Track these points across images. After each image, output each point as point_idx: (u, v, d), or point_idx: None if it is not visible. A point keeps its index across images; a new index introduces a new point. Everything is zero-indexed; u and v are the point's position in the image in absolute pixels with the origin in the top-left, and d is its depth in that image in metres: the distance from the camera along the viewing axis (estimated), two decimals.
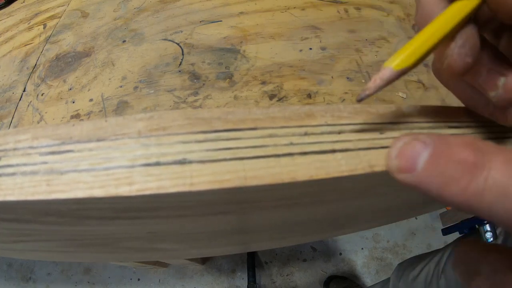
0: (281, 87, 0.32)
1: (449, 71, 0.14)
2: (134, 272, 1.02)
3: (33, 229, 0.17)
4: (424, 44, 0.13)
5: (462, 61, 0.13)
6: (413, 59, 0.13)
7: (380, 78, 0.13)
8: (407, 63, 0.13)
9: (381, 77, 0.13)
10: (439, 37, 0.13)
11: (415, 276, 0.54)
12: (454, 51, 0.13)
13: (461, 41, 0.13)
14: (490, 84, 0.14)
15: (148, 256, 0.34)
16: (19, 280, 1.02)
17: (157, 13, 0.40)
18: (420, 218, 1.09)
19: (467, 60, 0.13)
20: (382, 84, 0.13)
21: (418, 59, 0.14)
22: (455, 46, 0.13)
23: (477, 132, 0.16)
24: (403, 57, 0.13)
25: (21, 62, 0.37)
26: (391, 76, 0.13)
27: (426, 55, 0.14)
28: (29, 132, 0.13)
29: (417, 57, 0.13)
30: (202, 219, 0.18)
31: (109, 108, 0.31)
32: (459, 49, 0.13)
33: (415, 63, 0.14)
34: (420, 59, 0.14)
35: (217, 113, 0.14)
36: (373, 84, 0.13)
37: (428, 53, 0.14)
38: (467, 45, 0.13)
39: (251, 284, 0.94)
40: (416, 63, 0.14)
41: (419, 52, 0.13)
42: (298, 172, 0.13)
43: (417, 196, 0.24)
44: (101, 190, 0.12)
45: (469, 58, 0.13)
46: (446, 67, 0.13)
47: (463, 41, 0.13)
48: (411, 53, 0.13)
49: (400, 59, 0.13)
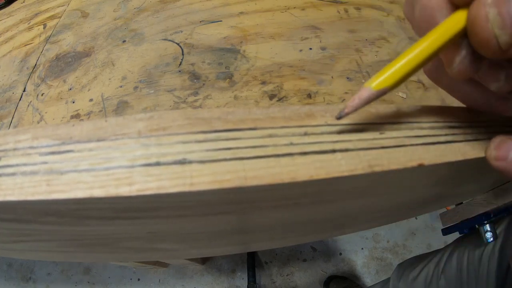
0: (281, 87, 0.32)
1: (459, 75, 0.14)
2: (134, 272, 1.02)
3: (33, 229, 0.17)
4: (406, 66, 0.14)
5: (473, 66, 0.13)
6: (393, 81, 0.14)
7: (359, 97, 0.14)
8: (387, 84, 0.14)
9: (360, 97, 0.14)
10: (421, 59, 0.13)
11: (415, 276, 0.53)
12: (466, 58, 0.13)
13: (471, 48, 0.13)
14: (492, 76, 0.14)
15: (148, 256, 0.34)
16: (19, 280, 1.02)
17: (157, 13, 0.40)
18: (420, 218, 1.09)
19: (474, 67, 0.13)
20: (360, 104, 0.14)
21: (398, 80, 0.14)
22: (466, 53, 0.13)
23: (477, 132, 0.16)
24: (383, 78, 0.14)
25: (21, 62, 0.37)
26: (370, 96, 0.14)
27: (407, 77, 0.14)
28: (29, 132, 0.13)
29: (397, 78, 0.14)
30: (202, 219, 0.18)
31: (109, 108, 0.31)
32: (471, 56, 0.13)
33: (395, 84, 0.14)
34: (401, 81, 0.14)
35: (217, 113, 0.14)
36: (351, 103, 0.14)
37: (410, 75, 0.14)
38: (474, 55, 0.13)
39: (251, 284, 0.94)
40: (396, 84, 0.14)
41: (399, 74, 0.14)
42: (298, 172, 0.13)
43: (418, 196, 0.24)
44: (101, 190, 0.12)
45: (479, 62, 0.13)
46: (456, 72, 0.14)
47: (472, 48, 0.13)
48: (392, 74, 0.14)
49: (379, 80, 0.14)
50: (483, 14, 0.11)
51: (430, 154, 0.15)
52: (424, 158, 0.14)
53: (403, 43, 0.36)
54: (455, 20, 0.13)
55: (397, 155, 0.14)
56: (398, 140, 0.15)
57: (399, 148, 0.15)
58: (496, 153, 0.14)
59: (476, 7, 0.12)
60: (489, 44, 0.12)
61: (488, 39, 0.11)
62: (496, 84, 0.14)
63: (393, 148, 0.15)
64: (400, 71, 0.14)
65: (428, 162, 0.14)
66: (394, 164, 0.14)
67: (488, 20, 0.11)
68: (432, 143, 0.15)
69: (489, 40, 0.11)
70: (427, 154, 0.15)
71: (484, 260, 0.41)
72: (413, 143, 0.15)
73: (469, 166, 0.17)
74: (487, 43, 0.12)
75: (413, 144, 0.15)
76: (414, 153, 0.15)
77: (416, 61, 0.14)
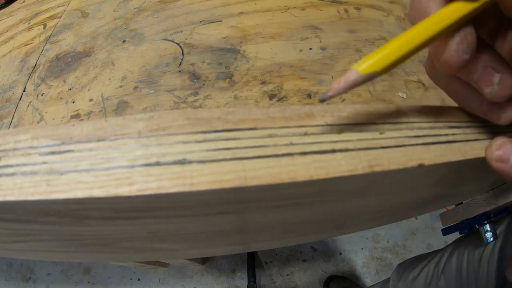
0: (281, 87, 0.32)
1: (445, 67, 0.14)
2: (134, 272, 1.02)
3: (33, 229, 0.17)
4: (397, 51, 0.13)
5: (460, 57, 0.13)
6: (383, 65, 0.13)
7: (345, 80, 0.13)
8: (375, 68, 0.13)
9: (346, 79, 0.13)
10: (414, 44, 0.13)
11: (415, 276, 0.53)
12: (452, 47, 0.13)
13: (459, 38, 0.13)
14: (485, 80, 0.14)
15: (148, 256, 0.34)
16: (19, 280, 1.02)
17: (157, 13, 0.40)
18: (420, 218, 1.09)
19: (464, 57, 0.13)
20: (346, 87, 0.13)
21: (388, 65, 0.13)
22: (453, 42, 0.13)
23: (477, 132, 0.16)
24: (372, 62, 0.13)
25: (21, 62, 0.37)
26: (356, 79, 0.13)
27: (398, 62, 0.13)
28: (29, 132, 0.13)
29: (387, 63, 0.13)
30: (202, 219, 0.18)
31: (109, 108, 0.31)
32: (457, 45, 0.13)
33: (384, 69, 0.13)
34: (391, 66, 0.13)
35: (217, 113, 0.14)
36: (337, 86, 0.13)
37: (401, 60, 0.13)
38: (465, 42, 0.13)
39: (251, 284, 0.94)
40: (386, 69, 0.13)
41: (390, 58, 0.13)
42: (298, 172, 0.13)
43: (418, 196, 0.24)
44: (101, 190, 0.12)
45: (466, 55, 0.13)
46: (442, 63, 0.14)
47: (461, 38, 0.13)
48: (382, 58, 0.13)
49: (368, 63, 0.13)
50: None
51: (430, 154, 0.15)
52: (424, 158, 0.14)
53: None
54: (451, 9, 0.13)
55: (397, 155, 0.14)
56: (398, 140, 0.15)
57: (399, 148, 0.15)
58: (497, 155, 0.14)
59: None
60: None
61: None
62: (489, 89, 0.14)
63: (393, 148, 0.15)
64: (390, 56, 0.13)
65: (428, 162, 0.14)
66: (394, 164, 0.14)
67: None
68: (432, 143, 0.15)
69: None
70: (427, 154, 0.15)
71: (484, 260, 0.41)
72: (413, 143, 0.15)
73: (469, 166, 0.17)
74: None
75: (413, 144, 0.15)
76: (414, 153, 0.15)
77: (408, 47, 0.13)
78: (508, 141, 0.14)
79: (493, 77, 0.14)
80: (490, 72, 0.14)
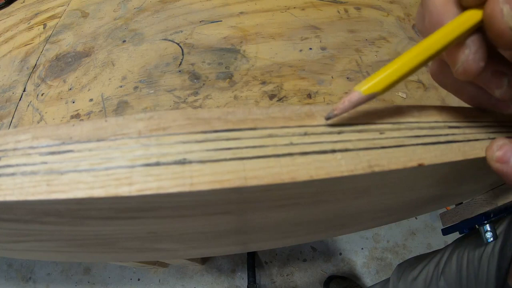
0: (281, 87, 0.32)
1: (464, 75, 0.14)
2: (134, 272, 1.02)
3: (33, 229, 0.17)
4: (396, 72, 0.14)
5: (478, 65, 0.14)
6: (383, 86, 0.14)
7: (349, 100, 0.14)
8: (376, 89, 0.14)
9: (350, 100, 0.14)
10: (413, 65, 0.14)
11: (415, 276, 0.54)
12: (470, 57, 0.14)
13: (474, 48, 0.14)
14: (495, 83, 0.15)
15: (148, 256, 0.34)
16: (19, 280, 1.02)
17: (157, 13, 0.40)
18: (420, 218, 1.09)
19: (481, 64, 0.14)
20: (350, 106, 0.14)
21: (388, 85, 0.14)
22: (469, 52, 0.14)
23: (477, 132, 0.16)
24: (373, 83, 0.14)
25: (21, 62, 0.37)
26: (359, 99, 0.14)
27: (397, 82, 0.14)
28: (29, 132, 0.13)
29: (387, 83, 0.14)
30: (202, 219, 0.18)
31: (109, 108, 0.31)
32: (474, 54, 0.14)
33: (384, 89, 0.14)
34: (390, 86, 0.14)
35: (217, 113, 0.14)
36: (341, 105, 0.14)
37: (400, 80, 0.14)
38: (481, 51, 0.14)
39: (251, 284, 0.94)
40: (386, 89, 0.14)
41: (389, 80, 0.14)
42: (298, 172, 0.13)
43: (418, 196, 0.24)
44: (101, 190, 0.12)
45: (482, 62, 0.14)
46: (461, 71, 0.14)
47: (476, 48, 0.14)
48: (382, 79, 0.14)
49: (370, 84, 0.14)
50: (498, 10, 0.12)
51: (430, 154, 0.15)
52: (424, 158, 0.14)
53: (403, 43, 0.36)
54: (463, 18, 0.13)
55: (397, 155, 0.14)
56: (398, 140, 0.15)
57: (399, 148, 0.15)
58: (497, 155, 0.15)
59: (492, 4, 0.13)
60: (504, 36, 0.13)
61: (503, 32, 0.12)
62: (499, 91, 0.15)
63: (393, 148, 0.15)
64: (390, 77, 0.14)
65: (428, 162, 0.14)
66: (394, 164, 0.14)
67: (503, 15, 0.12)
68: (432, 143, 0.15)
69: (504, 32, 0.12)
70: (427, 154, 0.15)
71: (484, 260, 0.41)
72: (413, 143, 0.15)
73: (469, 166, 0.17)
74: (502, 35, 0.13)
75: (413, 144, 0.15)
76: (414, 153, 0.15)
77: (406, 68, 0.14)
78: (509, 142, 0.15)
79: (503, 80, 0.15)
80: (500, 75, 0.15)
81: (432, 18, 0.14)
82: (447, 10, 0.14)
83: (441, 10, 0.14)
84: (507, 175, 0.14)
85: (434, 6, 0.14)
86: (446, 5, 0.14)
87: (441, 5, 0.14)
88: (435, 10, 0.14)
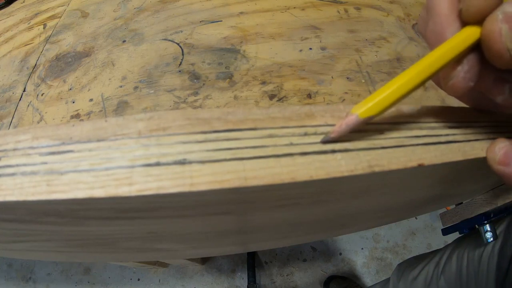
0: (281, 87, 0.32)
1: (451, 91, 0.15)
2: (134, 272, 1.02)
3: (33, 229, 0.17)
4: (393, 95, 0.14)
5: (466, 84, 0.14)
6: (380, 109, 0.14)
7: (346, 123, 0.14)
8: (373, 112, 0.14)
9: (347, 123, 0.14)
10: (409, 87, 0.14)
11: (415, 276, 0.54)
12: (460, 75, 0.14)
13: (467, 67, 0.14)
14: (497, 90, 0.15)
15: (148, 256, 0.34)
16: (19, 280, 1.02)
17: (157, 13, 0.40)
18: (420, 218, 1.09)
19: (470, 84, 0.14)
20: (347, 129, 0.14)
21: (385, 108, 0.14)
22: (461, 70, 0.14)
23: (477, 132, 0.16)
24: (370, 106, 0.14)
25: (21, 62, 0.37)
26: (356, 123, 0.14)
27: (394, 104, 0.14)
28: (29, 132, 0.13)
29: (384, 106, 0.14)
30: (202, 219, 0.18)
31: (109, 108, 0.31)
32: (465, 73, 0.14)
33: (380, 112, 0.14)
34: (387, 108, 0.14)
35: (217, 113, 0.14)
36: (338, 128, 0.14)
37: (397, 102, 0.14)
38: (472, 71, 0.14)
39: (251, 284, 0.94)
40: (382, 112, 0.14)
41: (385, 104, 0.14)
42: (298, 172, 0.13)
43: (418, 196, 0.24)
44: (101, 190, 0.12)
45: (472, 82, 0.14)
46: (450, 87, 0.15)
47: (469, 67, 0.14)
48: (379, 102, 0.14)
49: (366, 107, 0.14)
50: (496, 30, 0.12)
51: (430, 154, 0.15)
52: (424, 158, 0.14)
53: (403, 43, 0.36)
54: (464, 35, 0.13)
55: (397, 155, 0.14)
56: (398, 140, 0.15)
57: (399, 148, 0.15)
58: (500, 157, 0.15)
59: (490, 23, 0.13)
60: (502, 56, 0.13)
61: (501, 52, 0.12)
62: (501, 97, 0.15)
63: (393, 148, 0.15)
64: (387, 100, 0.14)
65: (428, 162, 0.14)
66: (394, 164, 0.14)
67: (501, 35, 0.12)
68: (432, 143, 0.15)
69: (502, 52, 0.12)
70: (427, 154, 0.15)
71: (483, 260, 0.41)
72: (413, 143, 0.15)
73: (469, 166, 0.17)
74: (500, 55, 0.13)
75: (413, 144, 0.15)
76: (414, 153, 0.15)
77: (403, 91, 0.14)
78: (510, 144, 0.15)
79: (505, 87, 0.15)
80: (502, 82, 0.15)
81: (436, 28, 0.15)
82: (450, 24, 0.14)
83: (444, 22, 0.14)
84: (509, 177, 0.14)
85: (439, 17, 0.14)
86: (449, 17, 0.14)
87: (445, 16, 0.14)
88: (439, 20, 0.14)
